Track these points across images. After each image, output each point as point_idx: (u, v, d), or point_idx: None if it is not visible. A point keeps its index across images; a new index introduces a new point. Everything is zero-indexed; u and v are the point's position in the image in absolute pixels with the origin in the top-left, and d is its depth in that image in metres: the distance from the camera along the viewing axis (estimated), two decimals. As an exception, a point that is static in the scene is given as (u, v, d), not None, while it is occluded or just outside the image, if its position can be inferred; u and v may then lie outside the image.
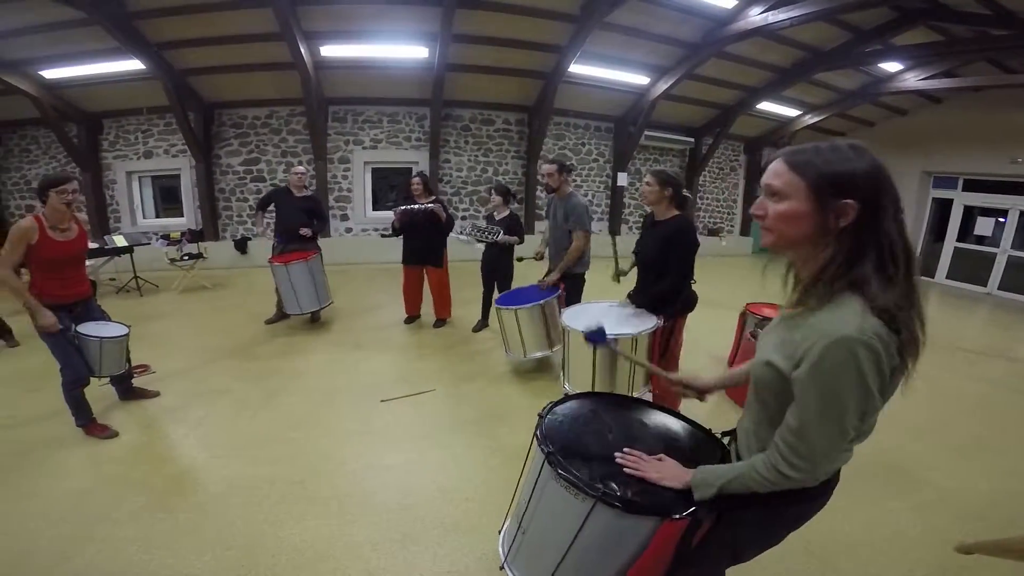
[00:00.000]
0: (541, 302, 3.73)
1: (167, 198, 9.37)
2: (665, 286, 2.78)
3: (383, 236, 9.13)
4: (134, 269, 7.09)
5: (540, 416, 1.44)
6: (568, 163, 3.97)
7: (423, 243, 4.93)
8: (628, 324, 2.81)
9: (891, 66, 8.37)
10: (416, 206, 4.79)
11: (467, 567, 2.08)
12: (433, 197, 4.96)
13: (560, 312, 3.38)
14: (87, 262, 6.85)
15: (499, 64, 7.93)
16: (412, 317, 5.40)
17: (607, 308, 3.14)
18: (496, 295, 4.68)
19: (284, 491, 2.56)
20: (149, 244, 7.56)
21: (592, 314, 2.98)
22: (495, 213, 4.81)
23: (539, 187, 9.76)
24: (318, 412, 3.43)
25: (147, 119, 8.63)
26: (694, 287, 2.89)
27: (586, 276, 4.07)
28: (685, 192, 2.79)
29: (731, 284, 7.76)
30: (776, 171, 1.02)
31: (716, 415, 3.17)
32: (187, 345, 4.77)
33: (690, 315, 2.97)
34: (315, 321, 5.34)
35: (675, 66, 8.11)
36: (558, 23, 7.03)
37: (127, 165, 8.85)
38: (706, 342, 4.64)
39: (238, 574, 2.03)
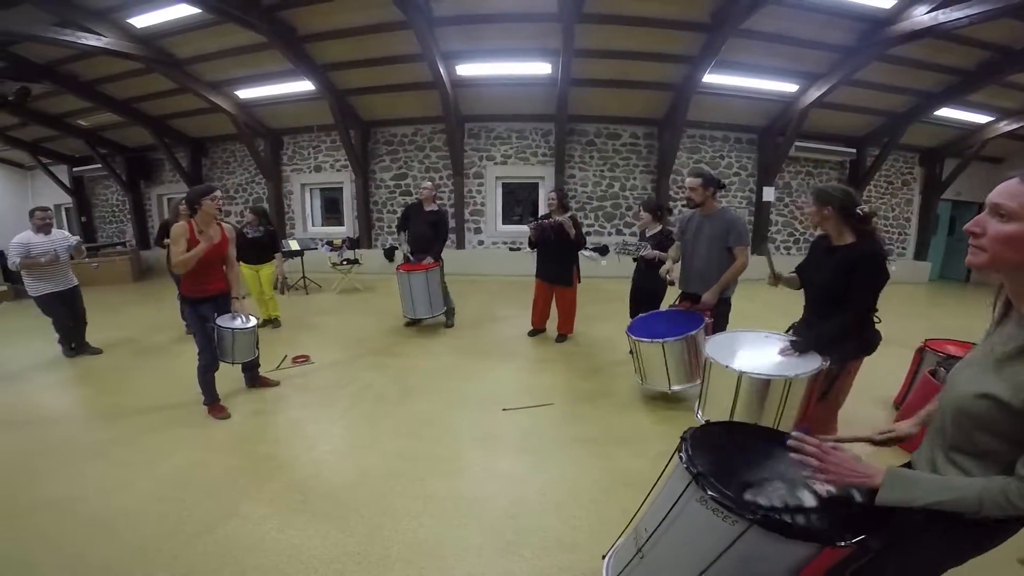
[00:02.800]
0: (693, 333, 3.49)
1: (329, 208, 11.02)
2: (842, 322, 2.42)
3: (511, 250, 9.73)
4: (303, 270, 8.53)
5: (683, 439, 1.40)
6: (716, 176, 3.68)
7: (554, 263, 5.17)
8: (784, 364, 2.52)
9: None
10: (548, 220, 5.03)
11: (565, 583, 2.11)
12: (569, 213, 5.11)
13: (705, 340, 3.15)
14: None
15: (624, 77, 8.07)
16: (536, 330, 5.62)
17: (762, 339, 2.84)
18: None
19: (407, 486, 2.78)
20: (316, 249, 8.96)
21: (742, 345, 2.77)
22: (646, 230, 4.76)
23: (672, 203, 9.69)
24: (445, 413, 3.72)
25: (316, 136, 10.25)
26: (878, 326, 2.51)
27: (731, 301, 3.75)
28: (862, 210, 2.40)
29: (900, 316, 6.90)
30: (1011, 191, 0.98)
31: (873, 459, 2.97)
32: (341, 340, 5.60)
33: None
34: (448, 327, 5.95)
35: (828, 72, 7.56)
36: (687, 33, 7.01)
37: (301, 178, 10.58)
38: (866, 380, 4.22)
39: (353, 560, 2.23)
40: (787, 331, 2.83)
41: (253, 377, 4.20)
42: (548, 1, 6.49)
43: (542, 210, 9.50)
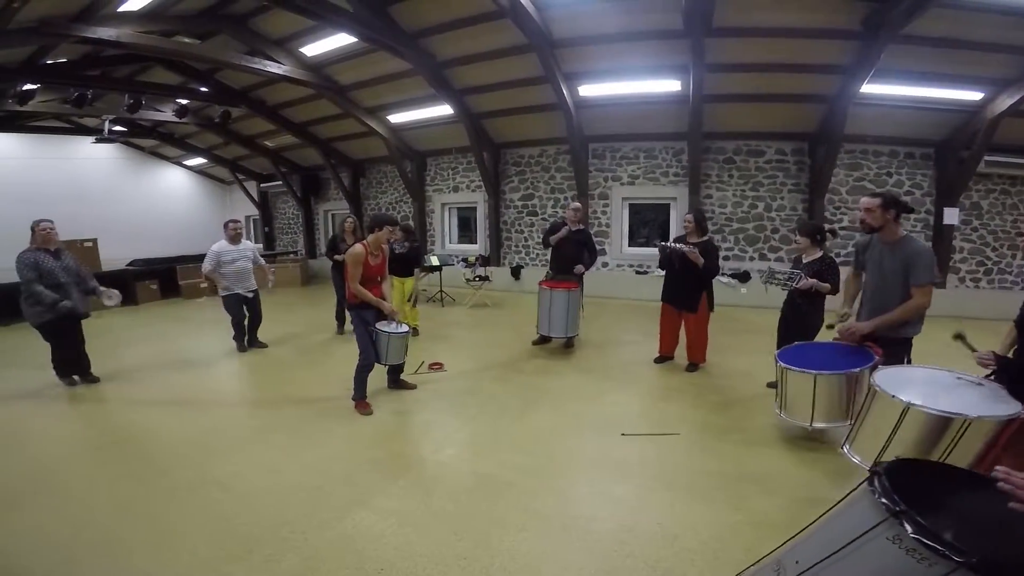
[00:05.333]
0: (856, 371, 3.16)
1: (462, 227, 12.07)
2: None
3: (638, 273, 9.60)
4: (441, 284, 9.53)
5: (875, 472, 1.33)
6: (901, 198, 3.23)
7: (679, 286, 5.06)
8: (967, 402, 2.23)
9: None
10: (672, 245, 4.93)
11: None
12: (707, 237, 5.04)
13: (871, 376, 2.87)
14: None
15: (765, 91, 7.77)
16: (664, 357, 5.50)
17: (945, 376, 2.54)
18: None
19: (518, 498, 2.92)
20: (453, 265, 9.73)
21: (919, 380, 2.50)
22: (803, 256, 4.38)
23: (828, 225, 8.82)
24: (562, 432, 3.88)
25: (455, 158, 11.30)
26: None
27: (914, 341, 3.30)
28: None
29: None
30: None
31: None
32: (471, 352, 6.14)
33: None
34: (568, 347, 6.13)
35: (1022, 76, 6.59)
36: (835, 42, 6.62)
37: (442, 198, 11.70)
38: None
39: (459, 565, 2.38)
40: (988, 376, 2.47)
41: (395, 380, 4.81)
42: (672, 18, 6.56)
43: (674, 231, 9.32)
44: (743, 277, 8.44)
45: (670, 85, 7.85)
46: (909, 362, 3.24)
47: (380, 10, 7.42)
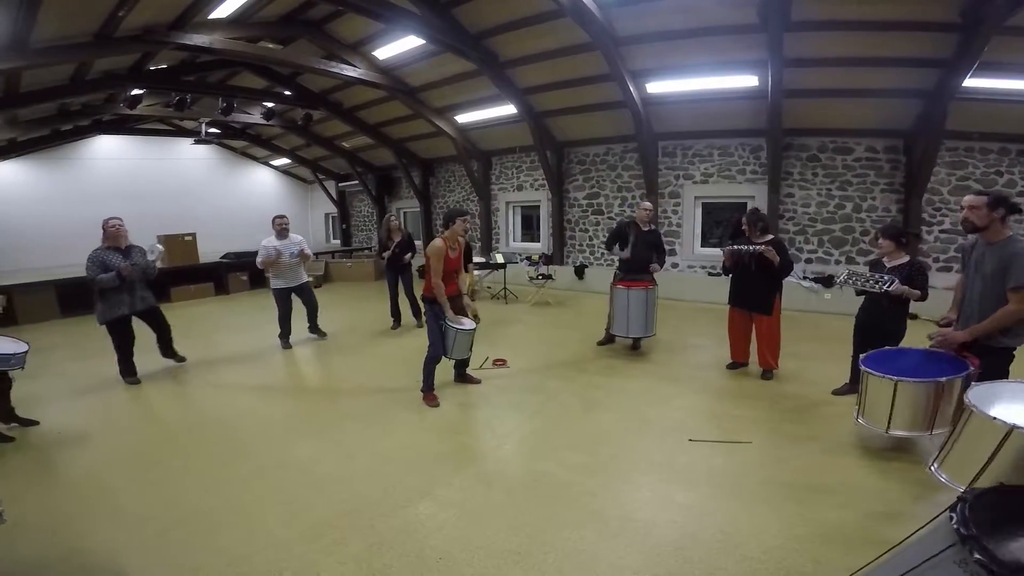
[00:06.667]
0: (942, 380, 3.02)
1: (525, 225, 12.24)
2: None
3: (710, 275, 9.29)
4: (505, 282, 9.75)
5: (962, 499, 1.36)
6: (1009, 198, 3.04)
7: (751, 288, 4.90)
8: None
9: None
10: (745, 247, 4.78)
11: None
12: (770, 236, 4.88)
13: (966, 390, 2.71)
14: (478, 272, 9.53)
15: (852, 86, 7.35)
16: (736, 363, 5.33)
17: None
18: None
19: (576, 497, 2.97)
20: (516, 263, 9.86)
21: (1015, 395, 2.40)
22: (885, 260, 4.16)
23: (926, 228, 8.19)
24: (626, 434, 3.87)
25: (519, 157, 11.48)
26: None
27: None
28: None
29: None
30: None
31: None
32: (533, 349, 6.26)
33: None
34: (635, 349, 6.07)
35: None
36: (930, 34, 6.18)
37: (506, 196, 11.91)
38: None
39: (512, 559, 2.44)
40: None
41: (461, 374, 5.00)
42: (746, 12, 6.36)
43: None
44: (826, 281, 8.02)
45: (746, 80, 7.58)
46: (1007, 375, 3.00)
47: (444, 12, 7.72)
